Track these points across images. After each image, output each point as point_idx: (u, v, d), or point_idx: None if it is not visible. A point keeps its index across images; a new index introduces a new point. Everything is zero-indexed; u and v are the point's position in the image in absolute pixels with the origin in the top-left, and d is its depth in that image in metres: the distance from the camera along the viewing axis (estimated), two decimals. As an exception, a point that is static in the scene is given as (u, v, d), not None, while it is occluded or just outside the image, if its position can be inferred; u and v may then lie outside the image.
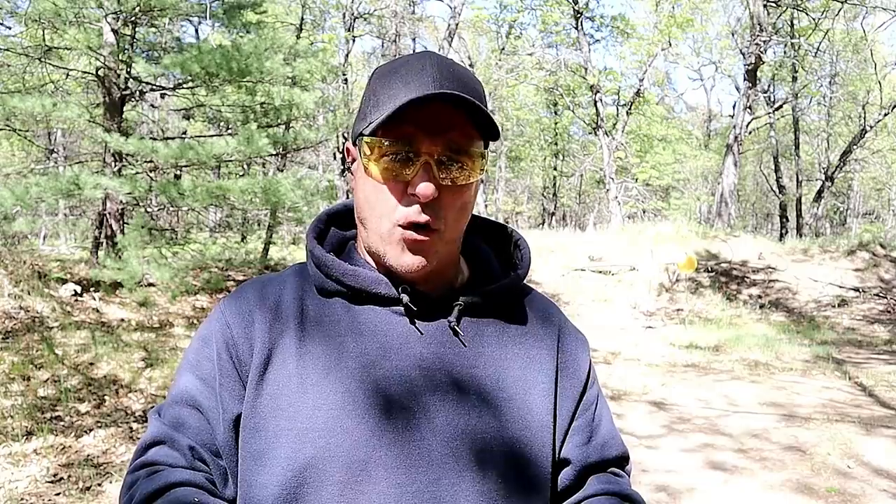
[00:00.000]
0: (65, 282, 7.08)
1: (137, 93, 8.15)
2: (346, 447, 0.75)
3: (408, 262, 0.79)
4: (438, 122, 0.76)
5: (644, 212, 24.02)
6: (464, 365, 0.82)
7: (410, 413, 0.77)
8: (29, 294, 6.50)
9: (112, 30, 7.38)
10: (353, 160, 0.85)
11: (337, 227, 0.93)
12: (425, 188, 0.75)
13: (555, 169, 29.43)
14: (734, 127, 18.02)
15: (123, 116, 7.92)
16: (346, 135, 18.46)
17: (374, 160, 0.77)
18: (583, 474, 0.87)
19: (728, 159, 17.92)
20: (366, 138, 0.78)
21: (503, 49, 24.53)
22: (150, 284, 7.46)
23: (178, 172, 9.17)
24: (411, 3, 21.74)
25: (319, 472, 0.75)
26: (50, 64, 8.33)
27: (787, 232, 22.46)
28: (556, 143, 29.13)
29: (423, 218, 0.76)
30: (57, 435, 4.00)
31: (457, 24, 17.79)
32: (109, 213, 7.61)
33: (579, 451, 0.87)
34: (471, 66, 21.95)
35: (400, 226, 0.78)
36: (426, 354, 0.80)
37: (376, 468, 0.75)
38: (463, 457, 0.77)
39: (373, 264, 0.86)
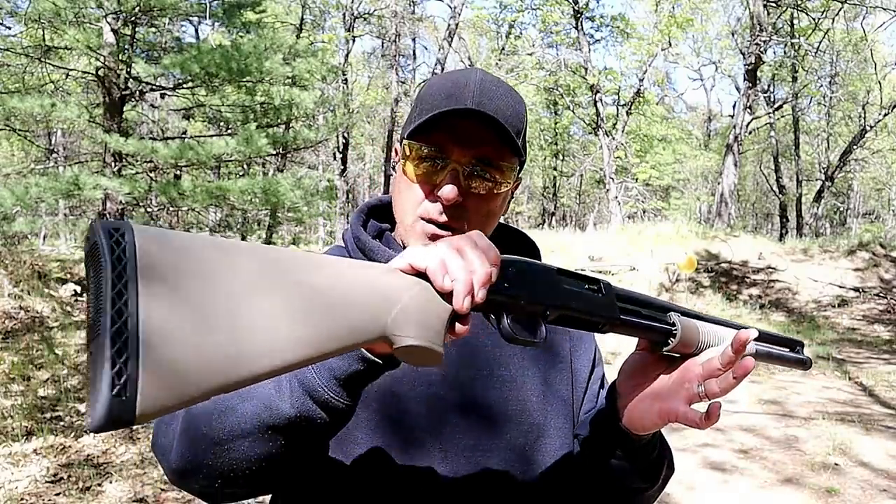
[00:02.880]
0: (65, 282, 7.09)
1: (137, 93, 8.16)
2: (394, 414, 0.84)
3: None
4: (471, 136, 0.82)
5: (644, 212, 24.02)
6: (489, 345, 0.92)
7: (444, 386, 0.86)
8: (29, 294, 6.50)
9: (112, 30, 7.39)
10: (399, 159, 0.92)
11: (375, 219, 1.00)
12: (448, 191, 0.81)
13: (555, 169, 29.44)
14: (734, 127, 18.01)
15: (123, 116, 7.93)
16: (346, 135, 18.48)
17: (410, 161, 0.85)
18: None
19: (728, 159, 17.92)
20: (405, 141, 0.85)
21: (503, 49, 24.54)
22: (150, 284, 7.45)
23: (178, 172, 9.17)
24: (411, 3, 21.75)
25: (352, 437, 0.83)
26: (50, 64, 8.33)
27: (787, 232, 22.45)
28: (556, 143, 29.14)
29: (443, 218, 0.83)
30: (57, 435, 4.00)
31: (457, 24, 17.80)
32: (109, 213, 7.61)
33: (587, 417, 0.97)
34: (470, 66, 21.94)
35: (422, 219, 0.85)
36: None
37: (423, 434, 0.83)
38: (498, 422, 0.87)
39: None
